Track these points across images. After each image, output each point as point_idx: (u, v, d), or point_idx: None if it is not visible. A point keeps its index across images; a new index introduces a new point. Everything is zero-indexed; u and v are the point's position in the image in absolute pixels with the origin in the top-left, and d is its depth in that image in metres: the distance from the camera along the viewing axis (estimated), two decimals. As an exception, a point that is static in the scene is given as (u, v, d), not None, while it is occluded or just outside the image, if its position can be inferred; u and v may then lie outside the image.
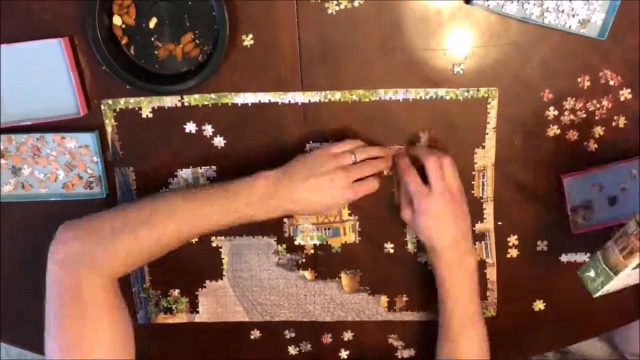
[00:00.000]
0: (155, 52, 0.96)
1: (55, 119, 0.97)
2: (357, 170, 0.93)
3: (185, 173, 1.03)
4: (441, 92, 0.98)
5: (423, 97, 0.99)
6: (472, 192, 1.03)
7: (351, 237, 1.06)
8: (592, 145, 1.00)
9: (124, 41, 0.96)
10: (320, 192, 0.90)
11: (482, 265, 1.07)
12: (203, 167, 1.02)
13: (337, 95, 0.99)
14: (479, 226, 1.05)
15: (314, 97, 0.99)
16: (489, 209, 1.04)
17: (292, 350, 1.12)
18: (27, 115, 0.98)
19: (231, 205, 0.89)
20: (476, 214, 1.04)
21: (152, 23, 0.95)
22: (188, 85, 0.95)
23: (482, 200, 1.04)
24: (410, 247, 1.06)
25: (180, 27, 0.96)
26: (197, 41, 0.96)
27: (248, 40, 0.96)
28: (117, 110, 1.00)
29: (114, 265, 0.86)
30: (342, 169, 0.91)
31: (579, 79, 0.97)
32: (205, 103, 0.99)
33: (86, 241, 0.85)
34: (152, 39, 0.96)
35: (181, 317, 1.11)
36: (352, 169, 0.92)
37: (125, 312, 0.89)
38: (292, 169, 0.91)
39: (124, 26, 0.95)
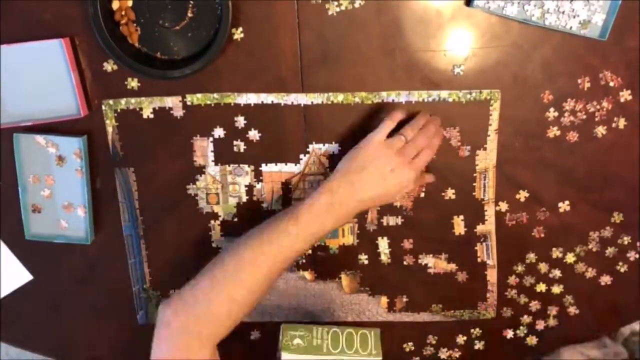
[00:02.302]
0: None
1: (56, 119, 0.97)
2: (412, 148, 0.90)
3: (213, 170, 1.03)
4: (444, 94, 0.98)
5: (425, 99, 0.99)
6: (474, 194, 1.03)
7: (349, 239, 1.06)
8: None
9: (123, 21, 0.95)
10: (384, 185, 0.89)
11: (482, 267, 1.07)
12: (232, 165, 1.03)
13: (339, 97, 0.99)
14: (480, 228, 1.05)
15: (316, 98, 0.99)
16: (490, 211, 1.04)
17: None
18: (27, 116, 0.97)
19: (304, 234, 0.87)
20: (477, 215, 1.04)
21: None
22: (184, 72, 0.94)
23: (483, 202, 1.03)
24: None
25: (181, 13, 0.95)
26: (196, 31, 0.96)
27: (238, 33, 0.96)
28: (118, 110, 1.00)
29: (219, 330, 0.87)
30: (398, 155, 0.89)
31: (579, 80, 0.97)
32: (208, 102, 0.99)
33: (189, 314, 0.85)
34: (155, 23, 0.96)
35: (181, 318, 1.11)
36: (406, 150, 0.90)
37: None
38: (348, 170, 0.89)
39: (123, 12, 0.95)
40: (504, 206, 1.03)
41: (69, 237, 1.04)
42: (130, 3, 0.94)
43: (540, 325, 1.10)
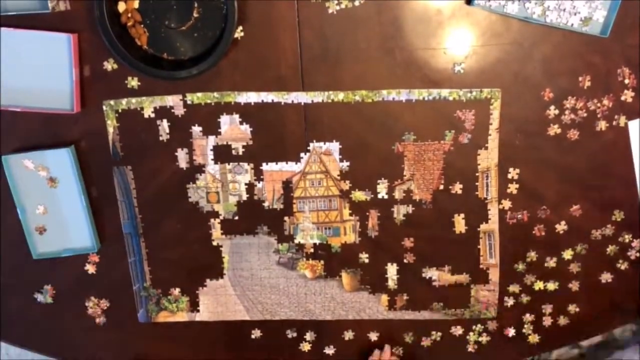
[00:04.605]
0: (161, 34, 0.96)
1: (48, 110, 0.97)
2: None
3: (212, 169, 1.03)
4: (444, 92, 0.98)
5: (426, 98, 0.99)
6: (477, 193, 1.03)
7: (351, 237, 1.06)
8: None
9: (130, 23, 0.95)
10: None
11: (485, 266, 1.07)
12: (231, 163, 1.02)
13: (340, 96, 0.99)
14: (483, 227, 1.05)
15: (317, 97, 0.99)
16: (493, 210, 1.04)
17: (293, 349, 1.12)
18: (20, 101, 0.97)
19: None
20: (481, 214, 1.04)
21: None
22: (191, 72, 0.94)
23: (486, 201, 1.03)
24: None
25: (187, 14, 0.95)
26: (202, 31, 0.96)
27: (238, 32, 0.96)
28: (120, 111, 1.00)
29: None
30: None
31: (580, 78, 0.97)
32: (208, 102, 0.99)
33: None
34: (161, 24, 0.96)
35: (182, 316, 1.11)
36: None
37: None
38: None
39: (129, 14, 0.95)
40: (506, 204, 1.03)
41: (76, 250, 1.05)
42: (136, 5, 0.95)
43: (541, 323, 1.10)
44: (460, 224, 1.05)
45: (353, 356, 1.12)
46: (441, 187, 1.03)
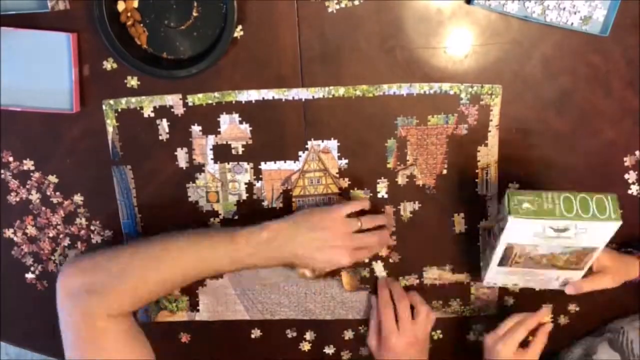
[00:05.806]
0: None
1: (48, 110, 0.97)
2: (360, 241, 0.95)
3: (212, 168, 1.03)
4: (445, 86, 0.98)
5: (427, 92, 0.98)
6: (476, 189, 1.03)
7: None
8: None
9: (129, 22, 0.95)
10: (321, 252, 0.93)
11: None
12: (231, 163, 1.02)
13: (340, 91, 0.99)
14: (483, 224, 1.05)
15: (317, 92, 0.99)
16: (493, 207, 1.04)
17: (293, 349, 1.12)
18: (19, 101, 0.97)
19: (234, 255, 0.91)
20: (480, 211, 1.04)
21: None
22: (191, 72, 0.94)
23: (486, 198, 1.03)
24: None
25: (186, 13, 0.95)
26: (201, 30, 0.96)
27: (238, 31, 0.96)
28: (119, 110, 1.00)
29: (122, 303, 0.88)
30: (347, 236, 0.93)
31: (580, 77, 0.97)
32: (209, 102, 0.99)
33: (95, 278, 0.87)
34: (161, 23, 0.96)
35: (181, 316, 1.11)
36: (355, 239, 0.94)
37: (142, 339, 0.92)
38: (298, 223, 0.93)
39: (129, 14, 0.95)
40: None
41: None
42: (135, 4, 0.95)
43: (541, 322, 1.10)
44: (460, 223, 1.05)
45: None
46: (444, 171, 1.02)
